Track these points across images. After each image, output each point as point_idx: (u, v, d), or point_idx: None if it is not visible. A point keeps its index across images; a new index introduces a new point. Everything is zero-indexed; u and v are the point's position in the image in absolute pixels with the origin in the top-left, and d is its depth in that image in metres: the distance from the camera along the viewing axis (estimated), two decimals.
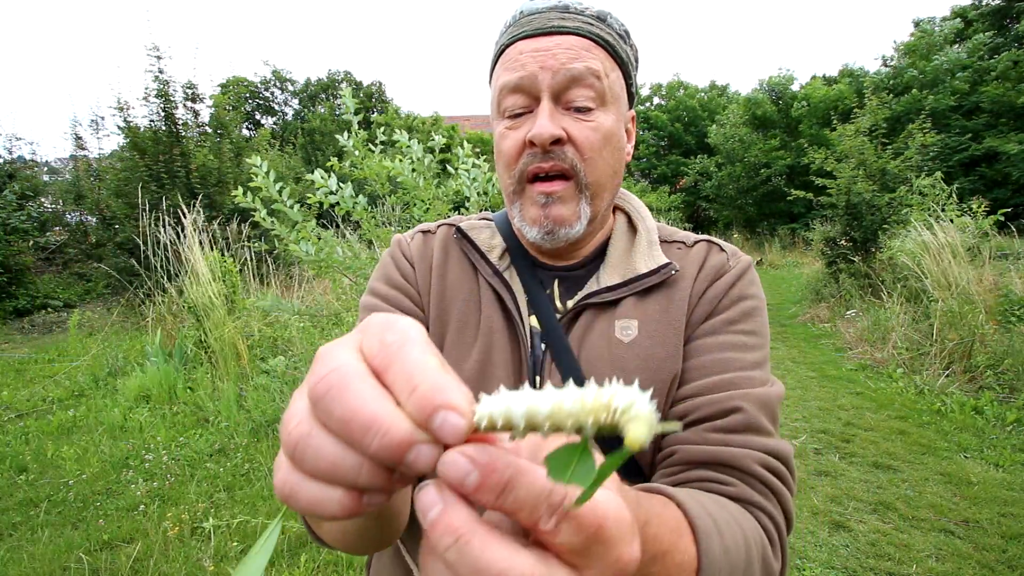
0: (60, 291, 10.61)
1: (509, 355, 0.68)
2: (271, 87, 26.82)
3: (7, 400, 4.88)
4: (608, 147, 0.66)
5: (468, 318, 0.71)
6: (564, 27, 0.64)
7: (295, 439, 0.25)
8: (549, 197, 0.66)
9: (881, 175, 7.07)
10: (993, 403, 3.85)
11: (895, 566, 2.32)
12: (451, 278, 0.74)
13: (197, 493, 3.06)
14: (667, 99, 23.06)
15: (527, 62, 0.64)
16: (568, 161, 0.64)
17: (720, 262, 0.71)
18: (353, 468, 0.25)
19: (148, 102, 8.61)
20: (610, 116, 0.66)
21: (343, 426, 0.24)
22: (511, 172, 0.68)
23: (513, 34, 0.66)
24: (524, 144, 0.65)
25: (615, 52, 0.67)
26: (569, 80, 0.63)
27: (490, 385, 0.67)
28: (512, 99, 0.66)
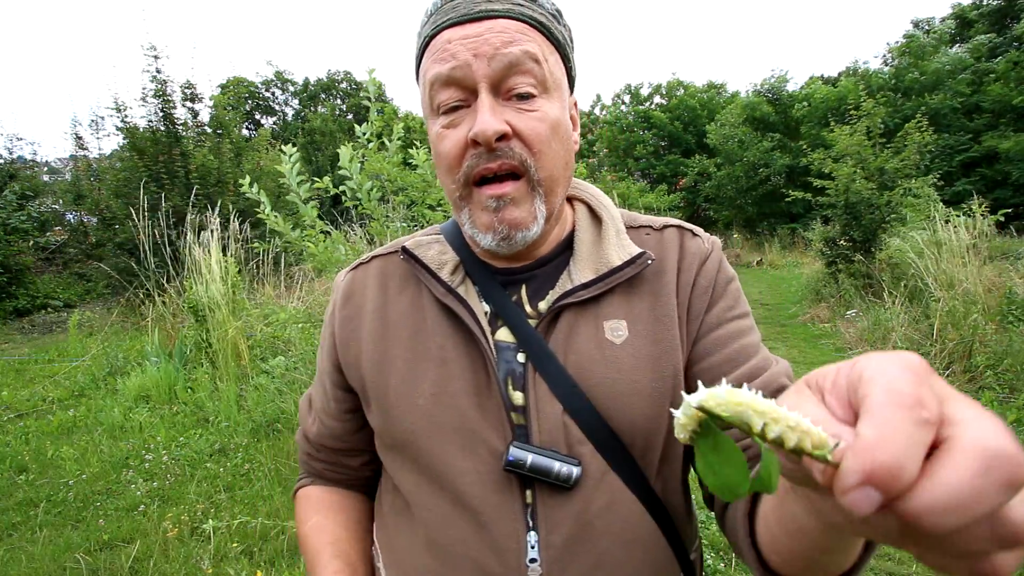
0: (60, 291, 10.62)
1: (470, 379, 0.62)
2: (271, 87, 26.84)
3: (7, 400, 4.87)
4: (557, 138, 0.61)
5: (415, 352, 0.65)
6: (493, 10, 0.58)
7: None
8: (500, 200, 0.60)
9: (879, 174, 7.08)
10: (993, 403, 3.85)
11: (895, 566, 2.32)
12: (394, 314, 0.68)
13: (197, 493, 3.06)
14: (667, 98, 23.07)
15: (457, 51, 0.57)
16: (516, 157, 0.59)
17: (699, 247, 0.68)
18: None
19: (146, 102, 8.61)
20: (554, 104, 0.61)
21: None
22: (455, 176, 0.61)
23: (437, 22, 0.60)
24: (466, 144, 0.59)
25: (550, 34, 0.61)
26: (507, 67, 0.57)
27: (449, 416, 0.61)
28: (446, 93, 0.59)
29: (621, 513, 0.60)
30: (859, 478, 0.22)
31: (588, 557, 0.58)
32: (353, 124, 3.08)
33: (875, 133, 7.40)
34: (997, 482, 0.21)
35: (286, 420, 3.79)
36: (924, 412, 0.23)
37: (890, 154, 7.17)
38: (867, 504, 0.22)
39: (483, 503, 0.59)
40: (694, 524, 0.71)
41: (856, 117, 7.52)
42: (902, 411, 0.23)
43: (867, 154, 7.17)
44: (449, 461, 0.61)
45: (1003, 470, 0.21)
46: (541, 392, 0.61)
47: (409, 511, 0.65)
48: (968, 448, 0.22)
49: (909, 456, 0.22)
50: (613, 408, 0.60)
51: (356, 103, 25.70)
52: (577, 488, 0.58)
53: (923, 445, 0.23)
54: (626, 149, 22.20)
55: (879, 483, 0.22)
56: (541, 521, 0.58)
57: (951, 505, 0.22)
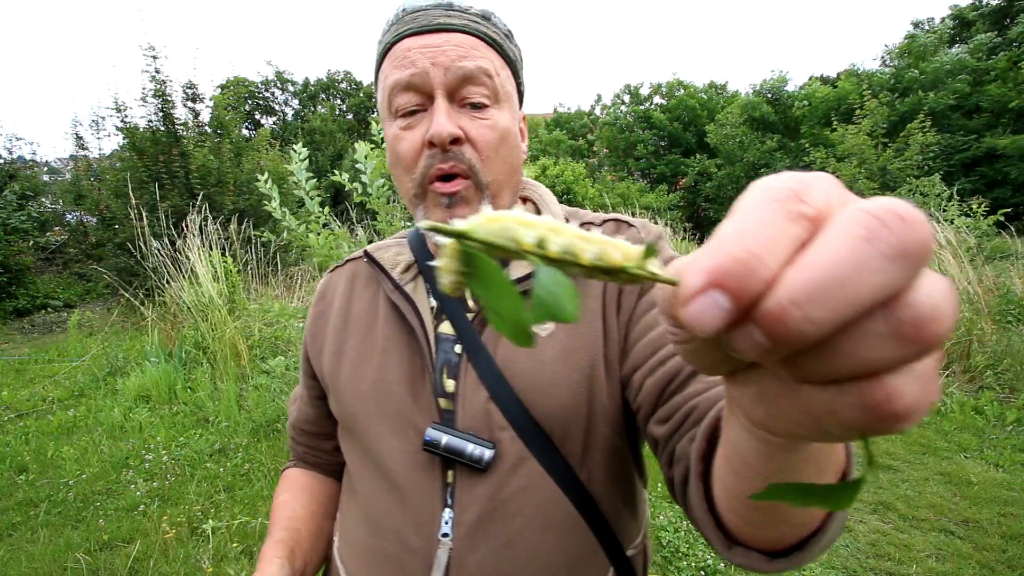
0: (60, 291, 10.62)
1: (407, 367, 0.68)
2: (271, 87, 26.82)
3: (7, 400, 4.88)
4: (505, 145, 0.66)
5: (366, 343, 0.72)
6: (451, 24, 0.63)
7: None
8: (452, 198, 0.64)
9: (882, 174, 7.08)
10: (993, 403, 3.85)
11: (895, 566, 2.32)
12: (357, 309, 0.76)
13: (197, 493, 3.06)
14: (667, 98, 23.06)
15: (417, 58, 0.62)
16: (466, 162, 0.63)
17: (632, 236, 0.70)
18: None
19: (146, 102, 8.60)
20: (505, 114, 0.66)
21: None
22: (412, 176, 0.65)
23: (399, 31, 0.64)
24: (423, 145, 0.64)
25: (503, 51, 0.67)
26: (462, 78, 0.62)
27: (386, 401, 0.67)
28: (404, 97, 0.64)
29: (536, 497, 0.62)
30: (702, 279, 0.17)
31: (499, 536, 0.61)
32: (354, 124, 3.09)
33: (878, 133, 7.41)
34: (886, 248, 0.16)
35: (286, 420, 3.77)
36: (801, 206, 0.18)
37: (892, 153, 7.18)
38: (712, 313, 0.17)
39: (406, 480, 0.65)
40: (638, 521, 0.72)
41: (861, 116, 7.53)
42: (770, 203, 0.18)
43: (870, 154, 7.18)
44: (382, 441, 0.67)
45: (894, 233, 0.16)
46: (470, 380, 0.65)
47: (353, 487, 0.73)
48: (849, 214, 0.17)
49: (769, 246, 0.17)
50: (534, 397, 0.63)
51: (356, 103, 25.70)
52: (492, 470, 0.62)
53: (792, 238, 0.17)
54: (626, 149, 22.20)
55: (727, 282, 0.17)
56: (457, 499, 0.63)
57: (823, 285, 0.16)
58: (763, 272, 0.17)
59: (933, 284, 0.17)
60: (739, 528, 0.42)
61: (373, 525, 0.67)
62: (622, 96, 24.26)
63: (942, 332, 0.17)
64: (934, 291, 0.17)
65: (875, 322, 0.17)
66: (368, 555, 0.67)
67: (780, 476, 0.32)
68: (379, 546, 0.66)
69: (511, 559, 0.61)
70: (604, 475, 0.66)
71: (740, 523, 0.42)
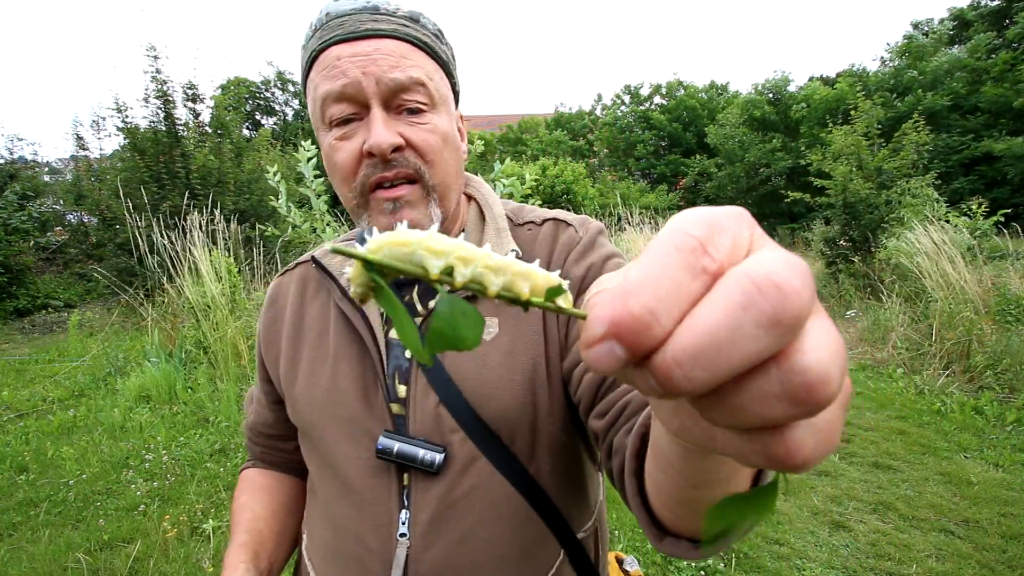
0: (60, 291, 10.62)
1: (359, 375, 0.69)
2: (272, 87, 26.82)
3: (7, 400, 4.88)
4: (448, 147, 0.67)
5: (319, 351, 0.73)
6: (379, 30, 0.62)
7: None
8: (396, 203, 0.64)
9: (877, 174, 7.09)
10: (993, 403, 3.85)
11: (895, 566, 2.32)
12: (310, 315, 0.76)
13: (197, 493, 3.06)
14: (667, 99, 23.06)
15: (347, 68, 0.61)
16: (411, 166, 0.63)
17: (570, 237, 0.71)
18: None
19: (147, 103, 8.61)
20: (443, 117, 0.66)
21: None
22: (351, 186, 0.65)
23: (324, 38, 0.63)
24: (361, 155, 0.63)
25: (434, 53, 0.66)
26: (395, 89, 0.62)
27: (339, 408, 0.68)
28: (337, 107, 0.63)
29: (488, 494, 0.65)
30: (602, 328, 0.18)
31: (453, 533, 0.64)
32: None
33: (873, 133, 7.42)
34: (759, 317, 0.17)
35: None
36: (704, 259, 0.18)
37: (887, 153, 7.18)
38: (609, 360, 0.18)
39: (362, 485, 0.67)
40: (589, 505, 0.74)
41: (855, 117, 7.54)
42: (674, 254, 0.19)
43: (864, 154, 7.19)
44: (338, 448, 0.69)
45: (768, 302, 0.17)
46: (420, 385, 0.66)
47: (315, 490, 0.75)
48: (730, 281, 0.18)
49: (666, 305, 0.18)
50: (481, 399, 0.65)
51: None
52: (444, 472, 0.65)
53: (689, 294, 0.18)
54: (626, 149, 22.20)
55: (623, 335, 0.18)
56: (412, 501, 0.65)
57: (701, 350, 0.17)
58: (656, 330, 0.18)
59: (822, 346, 0.18)
60: (669, 520, 0.44)
61: (334, 527, 0.69)
62: (622, 96, 24.27)
63: (832, 393, 0.18)
64: (823, 353, 0.18)
65: (767, 383, 0.18)
66: (331, 554, 0.70)
67: (698, 475, 0.34)
68: (341, 546, 0.68)
69: (465, 553, 0.64)
70: (552, 467, 0.68)
71: (670, 516, 0.44)
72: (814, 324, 0.19)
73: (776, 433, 0.19)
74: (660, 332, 0.18)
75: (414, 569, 0.64)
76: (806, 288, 0.17)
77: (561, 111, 25.03)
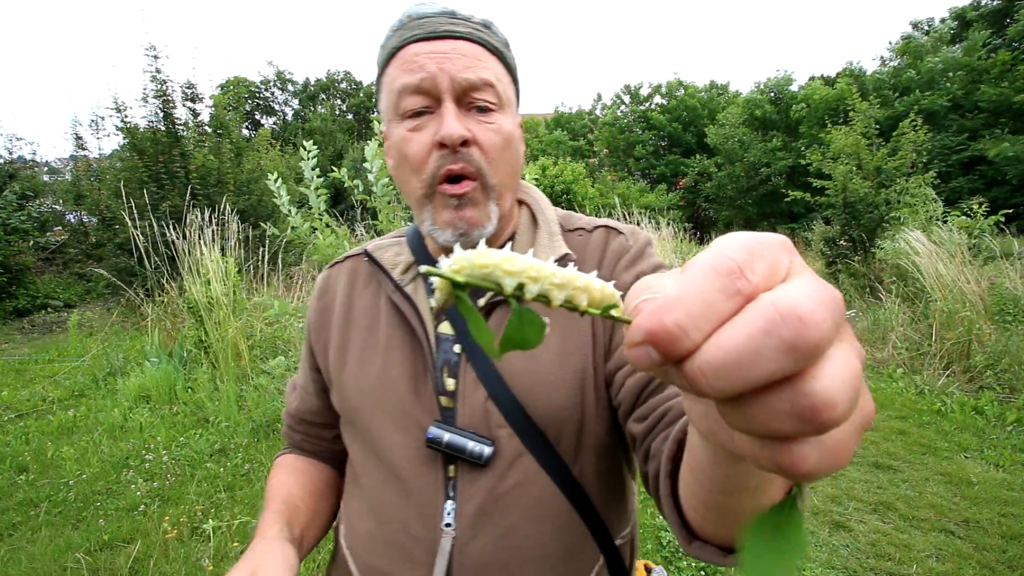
0: (60, 291, 10.62)
1: (409, 366, 0.71)
2: (271, 87, 26.82)
3: (7, 400, 4.88)
4: (509, 149, 0.69)
5: (369, 341, 0.75)
6: (456, 32, 0.66)
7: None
8: (461, 199, 0.67)
9: (876, 173, 7.10)
10: (993, 403, 3.85)
11: (895, 566, 2.32)
12: (359, 306, 0.79)
13: (197, 493, 3.06)
14: (667, 99, 23.05)
15: (425, 63, 0.65)
16: (474, 163, 0.66)
17: (620, 244, 0.74)
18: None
19: (147, 102, 8.60)
20: (508, 119, 0.69)
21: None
22: (421, 176, 0.67)
23: (405, 36, 0.67)
24: (432, 146, 0.66)
25: (504, 58, 0.70)
26: (468, 87, 0.65)
27: (389, 398, 0.70)
28: (413, 99, 0.66)
29: (532, 491, 0.66)
30: (640, 336, 0.21)
31: (497, 527, 0.65)
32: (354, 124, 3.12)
33: (871, 132, 7.43)
34: (778, 343, 0.19)
35: None
36: (739, 282, 0.21)
37: (886, 153, 7.19)
38: (646, 361, 0.21)
39: (410, 474, 0.68)
40: (627, 513, 0.75)
41: (854, 118, 7.55)
42: (711, 276, 0.21)
43: (864, 154, 7.20)
44: (386, 436, 0.70)
45: (788, 330, 0.19)
46: (469, 380, 0.68)
47: (357, 479, 0.76)
48: (758, 306, 0.20)
49: (696, 322, 0.20)
50: (530, 396, 0.67)
51: (356, 103, 25.69)
52: (491, 466, 0.66)
53: (720, 313, 0.20)
54: (626, 149, 22.19)
55: (658, 344, 0.21)
56: (458, 493, 0.66)
57: (724, 364, 0.20)
58: (685, 342, 0.21)
59: (835, 374, 0.20)
60: (699, 525, 0.45)
61: (378, 515, 0.70)
62: (622, 96, 24.26)
63: (836, 417, 0.20)
64: (833, 382, 0.20)
65: (780, 401, 0.20)
66: (374, 543, 0.71)
67: (728, 481, 0.36)
68: (384, 535, 0.69)
69: (509, 548, 0.65)
70: (596, 470, 0.69)
71: (700, 520, 0.45)
72: (836, 351, 0.21)
73: (785, 444, 0.21)
74: (689, 344, 0.21)
75: (459, 560, 0.65)
76: (828, 320, 0.20)
77: (561, 111, 25.02)
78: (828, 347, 0.20)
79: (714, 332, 0.20)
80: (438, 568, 0.65)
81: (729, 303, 0.21)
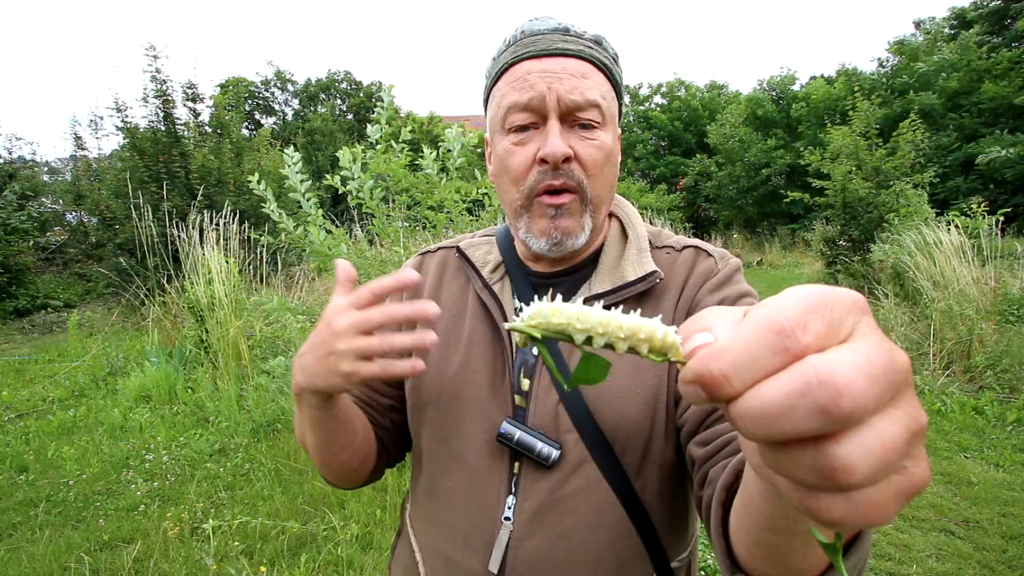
0: (60, 291, 10.62)
1: (489, 362, 0.73)
2: (271, 87, 26.81)
3: (7, 400, 4.88)
4: (608, 164, 0.71)
5: (453, 331, 0.78)
6: (568, 49, 0.68)
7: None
8: (559, 210, 0.69)
9: (875, 173, 7.10)
10: (993, 403, 3.85)
11: (895, 566, 2.32)
12: (445, 296, 0.81)
13: (197, 493, 3.06)
14: (668, 98, 23.04)
15: (536, 82, 0.67)
16: (575, 179, 0.68)
17: (708, 267, 0.74)
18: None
19: (147, 102, 8.60)
20: (609, 135, 0.71)
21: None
22: (519, 188, 0.70)
23: (517, 53, 0.69)
24: (533, 161, 0.68)
25: (611, 74, 0.72)
26: (573, 108, 0.68)
27: (467, 389, 0.73)
28: (520, 116, 0.68)
29: (592, 498, 0.67)
30: (691, 377, 0.23)
31: (555, 528, 0.67)
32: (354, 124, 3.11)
33: (871, 133, 7.43)
34: (811, 405, 0.20)
35: (286, 420, 3.80)
36: (788, 341, 0.22)
37: (884, 153, 7.19)
38: (694, 397, 0.24)
39: (477, 463, 0.71)
40: (687, 537, 0.75)
41: (853, 117, 7.56)
42: (762, 333, 0.22)
43: (863, 154, 7.20)
44: (459, 425, 0.73)
45: (822, 395, 0.20)
46: (543, 382, 0.70)
47: (422, 462, 0.79)
48: (800, 368, 0.21)
49: (739, 373, 0.22)
50: (601, 406, 0.68)
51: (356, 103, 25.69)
52: (555, 468, 0.68)
53: (764, 368, 0.22)
54: (625, 149, 22.18)
55: (704, 386, 0.23)
56: (521, 489, 0.69)
57: (760, 414, 0.21)
58: (727, 389, 0.23)
59: (865, 443, 0.21)
60: (744, 558, 0.46)
61: (443, 498, 0.74)
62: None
63: (854, 483, 0.21)
64: (858, 449, 0.21)
65: (805, 455, 0.22)
66: (436, 524, 0.74)
67: (777, 520, 0.37)
68: (447, 518, 0.73)
69: (564, 550, 0.66)
70: (658, 488, 0.70)
71: (746, 555, 0.45)
72: (879, 420, 0.21)
73: (814, 491, 0.23)
74: (731, 391, 0.22)
75: (514, 553, 0.67)
76: (870, 391, 0.21)
77: None
78: (866, 415, 0.21)
79: (758, 383, 0.22)
80: (494, 558, 0.67)
81: (775, 359, 0.22)
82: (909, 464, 0.23)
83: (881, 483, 0.22)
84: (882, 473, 0.22)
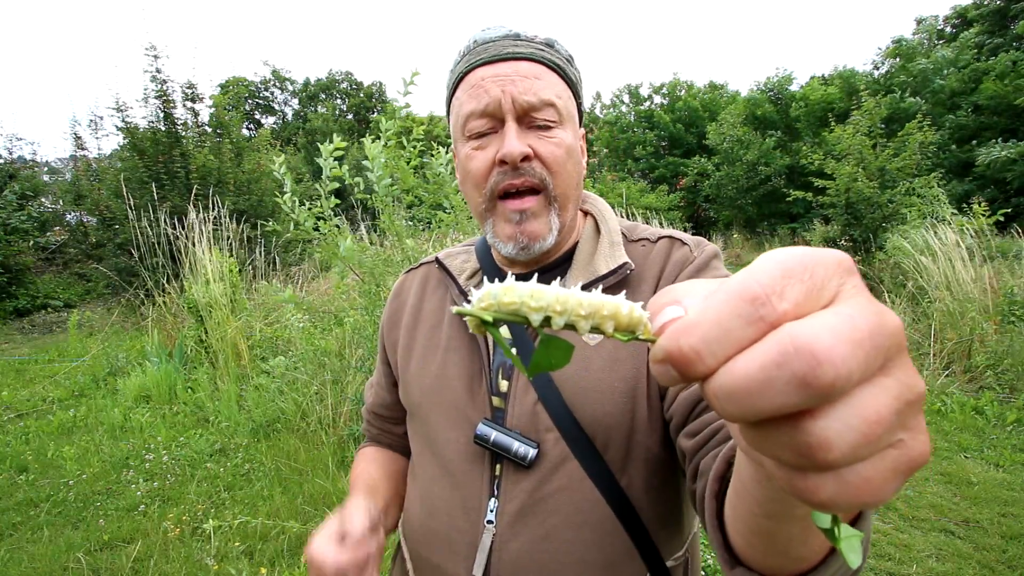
0: (60, 291, 10.62)
1: (467, 366, 0.75)
2: (271, 87, 26.82)
3: (7, 400, 4.88)
4: (571, 160, 0.72)
5: (432, 341, 0.80)
6: (518, 53, 0.70)
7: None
8: (522, 214, 0.70)
9: (880, 174, 7.09)
10: (993, 403, 3.85)
11: (895, 566, 2.32)
12: (427, 309, 0.84)
13: (197, 493, 3.06)
14: (667, 98, 23.03)
15: (490, 87, 0.68)
16: (537, 176, 0.69)
17: (684, 255, 0.73)
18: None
19: (147, 102, 8.60)
20: (569, 133, 0.72)
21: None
22: (481, 191, 0.71)
23: (470, 61, 0.71)
24: (493, 163, 0.69)
25: (565, 74, 0.73)
26: (528, 108, 0.69)
27: (445, 394, 0.75)
28: (478, 123, 0.70)
29: (575, 498, 0.67)
30: (661, 355, 0.22)
31: (537, 529, 0.66)
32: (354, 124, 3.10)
33: (876, 132, 7.42)
34: (789, 377, 0.19)
35: (286, 420, 3.79)
36: (763, 309, 0.20)
37: (890, 153, 7.18)
38: (667, 377, 0.22)
39: (458, 468, 0.72)
40: (682, 534, 0.73)
41: (859, 115, 7.53)
42: (735, 302, 0.20)
43: (868, 154, 7.19)
44: (440, 431, 0.74)
45: (800, 365, 0.18)
46: (521, 383, 0.71)
47: (414, 471, 0.81)
48: (776, 337, 0.19)
49: (711, 348, 0.20)
50: (579, 402, 0.68)
51: (356, 103, 25.69)
52: (535, 468, 0.68)
53: (738, 340, 0.20)
54: (626, 149, 22.18)
55: (675, 364, 0.21)
56: (502, 491, 0.69)
57: (735, 391, 0.20)
58: (700, 366, 0.21)
59: (846, 417, 0.19)
60: (743, 550, 0.44)
61: (429, 505, 0.75)
62: (621, 96, 24.26)
63: (832, 460, 0.20)
64: (832, 425, 0.19)
65: (782, 433, 0.20)
66: (424, 533, 0.75)
67: (772, 505, 0.34)
68: (432, 525, 0.74)
69: (548, 551, 0.66)
70: (645, 483, 0.68)
71: (744, 545, 0.43)
72: (866, 391, 0.20)
73: (800, 471, 0.21)
74: (704, 368, 0.21)
75: (497, 556, 0.67)
76: (854, 358, 0.19)
77: None
78: (851, 385, 0.19)
79: (732, 358, 0.20)
80: (478, 562, 0.68)
81: (749, 330, 0.20)
82: (906, 436, 0.21)
83: (873, 459, 0.20)
84: (867, 449, 0.20)
